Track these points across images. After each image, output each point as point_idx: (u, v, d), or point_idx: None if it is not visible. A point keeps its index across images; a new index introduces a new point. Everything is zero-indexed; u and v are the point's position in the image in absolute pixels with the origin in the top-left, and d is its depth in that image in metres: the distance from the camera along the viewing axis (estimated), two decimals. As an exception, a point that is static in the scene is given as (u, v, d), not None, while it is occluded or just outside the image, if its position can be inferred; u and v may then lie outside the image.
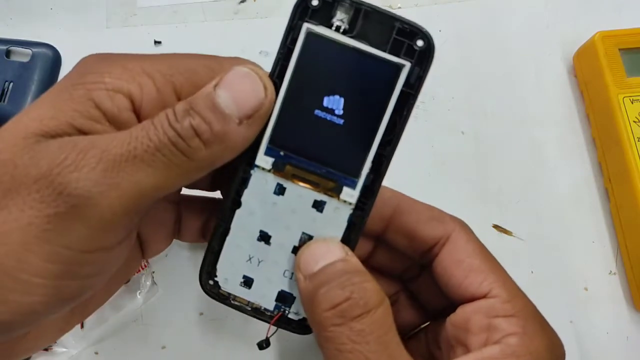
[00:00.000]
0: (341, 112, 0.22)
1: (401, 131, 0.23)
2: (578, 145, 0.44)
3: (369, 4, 0.22)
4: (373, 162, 0.23)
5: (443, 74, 0.46)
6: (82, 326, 0.38)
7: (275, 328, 0.25)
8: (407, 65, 0.22)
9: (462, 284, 0.24)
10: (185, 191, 0.27)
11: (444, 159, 0.44)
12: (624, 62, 0.42)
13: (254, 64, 0.22)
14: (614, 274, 0.41)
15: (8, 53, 0.45)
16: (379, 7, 0.22)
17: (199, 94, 0.20)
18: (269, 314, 0.25)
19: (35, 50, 0.45)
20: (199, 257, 0.25)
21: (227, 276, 0.25)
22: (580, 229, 0.42)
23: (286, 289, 0.25)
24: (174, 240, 0.29)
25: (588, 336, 0.39)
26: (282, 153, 0.23)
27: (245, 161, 0.23)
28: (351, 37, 0.22)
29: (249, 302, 0.25)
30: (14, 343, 0.21)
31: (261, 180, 0.23)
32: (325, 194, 0.23)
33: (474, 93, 0.45)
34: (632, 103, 0.41)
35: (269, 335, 0.25)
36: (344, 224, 0.24)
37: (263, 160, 0.23)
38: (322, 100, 0.22)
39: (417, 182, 0.43)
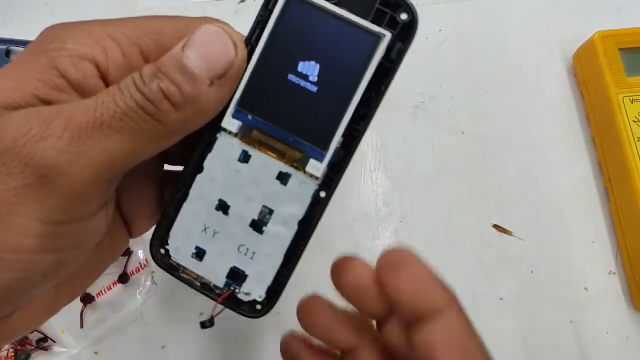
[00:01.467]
0: (315, 79, 0.21)
1: (376, 107, 0.22)
2: (578, 145, 0.44)
3: None
4: (344, 136, 0.22)
5: (443, 74, 0.46)
6: (82, 326, 0.38)
7: (222, 307, 0.24)
8: (388, 35, 0.21)
9: None
10: (168, 167, 0.26)
11: (444, 159, 0.44)
12: (624, 62, 0.42)
13: (223, 22, 0.21)
14: (614, 274, 0.41)
15: (8, 53, 0.45)
16: None
17: (167, 55, 0.19)
18: (218, 291, 0.24)
19: (35, 50, 0.45)
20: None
21: (179, 245, 0.23)
22: (580, 229, 0.42)
23: (239, 266, 0.23)
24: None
25: (588, 336, 0.39)
26: (250, 117, 0.22)
27: (211, 124, 0.22)
28: (334, 3, 0.21)
29: (198, 276, 0.24)
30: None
31: (226, 146, 0.22)
32: (292, 165, 0.22)
33: (474, 93, 0.45)
34: (632, 103, 0.41)
35: (214, 315, 0.24)
36: (308, 201, 0.22)
37: (230, 123, 0.22)
38: (297, 66, 0.21)
39: (417, 182, 0.43)
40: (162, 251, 0.24)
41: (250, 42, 0.22)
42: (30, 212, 0.17)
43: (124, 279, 0.39)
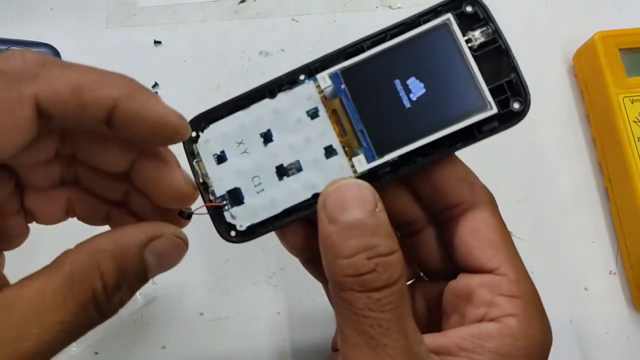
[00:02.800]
0: (414, 98, 0.23)
1: (440, 156, 0.23)
2: (578, 145, 0.44)
3: (507, 43, 0.23)
4: (399, 157, 0.23)
5: (443, 74, 0.46)
6: (82, 326, 0.38)
7: (205, 210, 0.24)
8: (493, 111, 0.22)
9: (473, 253, 0.24)
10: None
11: (444, 159, 0.44)
12: (624, 62, 0.42)
13: (174, 228, 0.22)
14: (614, 274, 0.41)
15: (8, 53, 0.45)
16: (511, 52, 0.23)
17: (129, 264, 0.20)
18: (212, 197, 0.24)
19: (35, 50, 0.44)
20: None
21: (211, 139, 0.24)
22: (580, 229, 0.42)
23: (243, 191, 0.24)
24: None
25: (588, 336, 0.39)
26: (343, 86, 0.23)
27: (309, 67, 0.24)
28: (473, 53, 0.23)
29: (206, 173, 0.24)
30: None
31: (306, 93, 0.24)
32: (344, 147, 0.23)
33: (474, 93, 0.45)
34: (632, 103, 0.41)
35: (195, 212, 0.24)
36: None
37: (324, 78, 0.23)
38: (408, 77, 0.23)
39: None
40: (194, 134, 0.24)
41: (387, 32, 0.23)
42: None
43: (124, 279, 0.39)
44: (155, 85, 0.45)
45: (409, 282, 0.28)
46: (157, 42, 0.46)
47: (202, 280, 0.39)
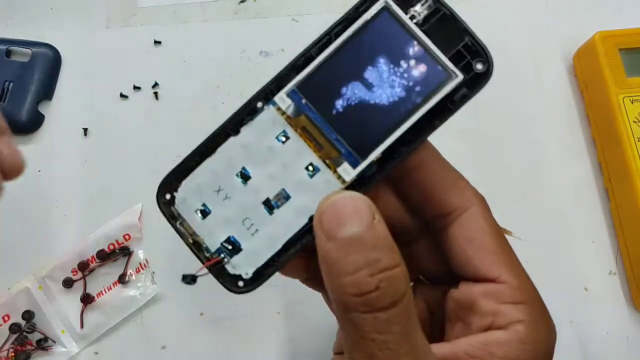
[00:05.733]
0: (378, 91, 0.22)
1: (423, 138, 0.22)
2: (578, 145, 0.44)
3: (450, 8, 0.22)
4: (383, 153, 0.22)
5: (443, 74, 0.46)
6: (82, 326, 0.38)
7: (206, 270, 0.23)
8: (459, 77, 0.22)
9: (471, 263, 0.24)
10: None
11: (444, 159, 0.44)
12: (624, 62, 0.42)
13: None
14: (614, 274, 0.41)
15: (8, 53, 0.45)
16: (458, 16, 0.22)
17: None
18: (207, 254, 0.23)
19: (35, 50, 0.45)
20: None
21: (187, 196, 0.23)
22: (580, 229, 0.42)
23: (237, 237, 0.23)
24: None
25: (588, 336, 0.39)
26: (304, 101, 0.22)
27: (264, 92, 0.23)
28: (422, 29, 0.22)
29: (194, 232, 0.23)
30: None
31: (270, 119, 0.23)
32: (324, 161, 0.22)
33: (474, 93, 0.45)
34: (632, 103, 0.41)
35: (197, 274, 0.23)
36: None
37: (282, 99, 0.23)
38: (365, 71, 0.22)
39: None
40: (168, 196, 0.23)
41: (330, 33, 0.22)
42: None
43: (123, 279, 0.39)
44: (156, 85, 0.45)
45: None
46: (157, 42, 0.46)
47: (202, 280, 0.39)
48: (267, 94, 0.23)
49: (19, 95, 0.43)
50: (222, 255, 0.23)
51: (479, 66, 0.22)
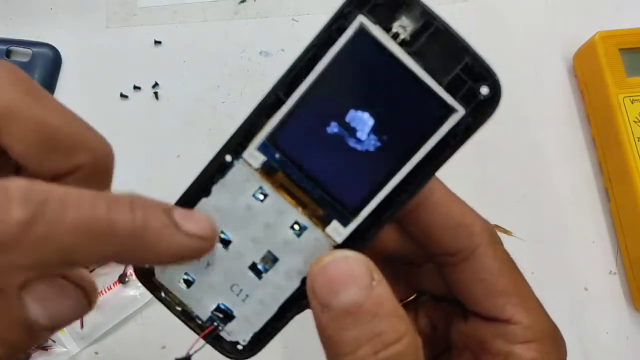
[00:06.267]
0: (363, 137, 0.18)
1: (422, 184, 0.19)
2: (578, 145, 0.44)
3: (443, 20, 0.18)
4: (379, 205, 0.19)
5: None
6: (82, 326, 0.38)
7: (203, 343, 0.21)
8: (461, 112, 0.18)
9: (481, 304, 0.22)
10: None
11: (444, 159, 0.44)
12: (624, 62, 0.42)
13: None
14: (614, 274, 0.41)
15: (8, 53, 0.45)
16: (453, 30, 0.18)
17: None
18: (199, 322, 0.21)
19: (35, 50, 0.45)
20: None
21: (167, 267, 0.21)
22: (580, 229, 0.42)
23: (228, 305, 0.21)
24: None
25: (588, 336, 0.39)
26: (277, 156, 0.19)
27: (231, 146, 0.19)
28: (408, 52, 0.18)
29: (180, 302, 0.21)
30: None
31: (242, 176, 0.19)
32: (310, 218, 0.19)
33: (474, 93, 0.45)
34: (632, 103, 0.41)
35: (190, 352, 0.21)
36: None
37: (252, 155, 0.19)
38: (345, 113, 0.18)
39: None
40: (147, 266, 0.21)
41: (299, 65, 0.18)
42: None
43: (123, 279, 0.39)
44: (156, 85, 0.45)
45: (410, 299, 0.26)
46: (157, 42, 0.46)
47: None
48: (235, 147, 0.19)
49: (19, 95, 0.43)
50: (216, 323, 0.21)
51: (484, 90, 0.18)
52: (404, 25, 0.18)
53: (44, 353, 0.38)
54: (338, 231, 0.19)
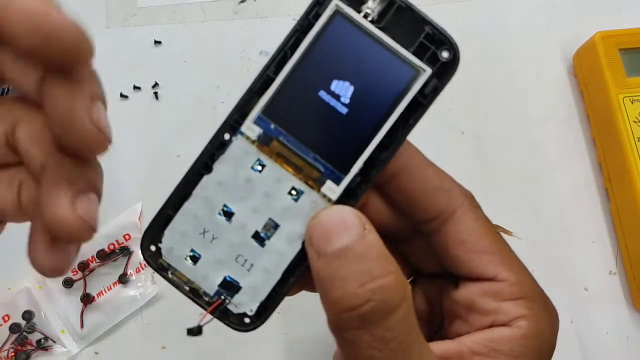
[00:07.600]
0: (347, 101, 0.21)
1: (402, 140, 0.22)
2: (578, 145, 0.44)
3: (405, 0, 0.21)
4: (365, 163, 0.21)
5: (443, 74, 0.46)
6: (82, 326, 0.38)
7: (210, 317, 0.23)
8: (428, 71, 0.21)
9: (466, 265, 0.23)
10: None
11: (443, 159, 0.44)
12: (624, 62, 0.42)
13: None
14: (614, 274, 0.41)
15: (8, 53, 0.45)
16: (413, 6, 0.21)
17: None
18: (207, 299, 0.23)
19: (35, 50, 0.45)
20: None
21: (173, 245, 0.22)
22: (580, 229, 0.42)
23: (234, 277, 0.22)
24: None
25: (588, 336, 0.39)
26: (272, 126, 0.21)
27: (229, 124, 0.21)
28: (378, 27, 0.21)
29: (188, 280, 0.23)
30: None
31: (241, 150, 0.22)
32: (306, 182, 0.22)
33: (474, 93, 0.45)
34: (632, 103, 0.41)
35: (201, 323, 0.22)
36: None
37: (250, 128, 0.21)
38: (330, 83, 0.21)
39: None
40: (153, 248, 0.22)
41: (284, 49, 0.21)
42: None
43: (124, 279, 0.39)
44: (156, 85, 0.45)
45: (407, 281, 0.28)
46: (157, 42, 0.46)
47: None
48: (232, 124, 0.22)
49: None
50: (223, 297, 0.23)
51: (445, 54, 0.21)
52: (371, 7, 0.21)
53: (44, 353, 0.38)
54: (332, 189, 0.22)
